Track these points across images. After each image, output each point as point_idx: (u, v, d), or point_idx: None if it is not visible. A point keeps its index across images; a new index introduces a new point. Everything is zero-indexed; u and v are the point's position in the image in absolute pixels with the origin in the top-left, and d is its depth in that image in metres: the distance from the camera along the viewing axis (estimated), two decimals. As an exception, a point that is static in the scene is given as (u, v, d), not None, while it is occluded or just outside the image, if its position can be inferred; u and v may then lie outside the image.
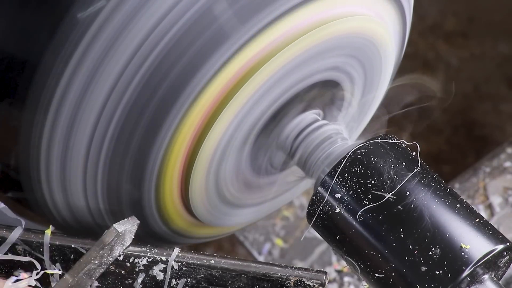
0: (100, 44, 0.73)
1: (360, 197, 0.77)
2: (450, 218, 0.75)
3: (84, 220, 0.85)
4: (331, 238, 0.80)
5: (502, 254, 0.74)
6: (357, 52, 0.88)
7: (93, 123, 0.76)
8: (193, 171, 0.82)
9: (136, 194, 0.82)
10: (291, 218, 1.30)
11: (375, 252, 0.75)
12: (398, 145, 0.81)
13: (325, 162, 0.85)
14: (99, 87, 0.74)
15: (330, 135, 0.87)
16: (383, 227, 0.75)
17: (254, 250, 1.26)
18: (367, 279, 0.77)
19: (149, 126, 0.77)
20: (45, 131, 0.77)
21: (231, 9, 0.75)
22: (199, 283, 0.79)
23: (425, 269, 0.73)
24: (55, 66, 0.74)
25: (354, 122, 0.98)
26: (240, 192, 0.91)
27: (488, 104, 1.68)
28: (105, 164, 0.79)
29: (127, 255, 0.79)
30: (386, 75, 0.96)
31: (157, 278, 0.79)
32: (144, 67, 0.74)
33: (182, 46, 0.74)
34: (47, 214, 0.84)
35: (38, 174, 0.80)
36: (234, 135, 0.82)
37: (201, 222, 0.91)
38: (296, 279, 0.78)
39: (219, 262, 0.79)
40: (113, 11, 0.72)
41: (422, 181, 0.77)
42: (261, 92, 0.81)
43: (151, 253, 0.79)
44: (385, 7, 0.88)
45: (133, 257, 0.79)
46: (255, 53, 0.78)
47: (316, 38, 0.81)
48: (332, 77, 0.88)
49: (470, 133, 1.65)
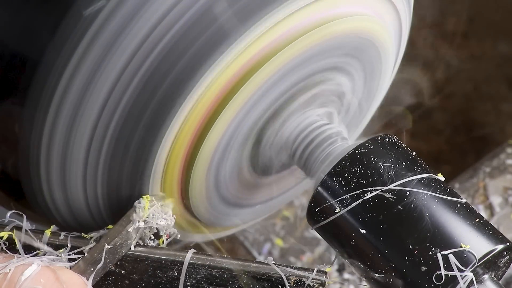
0: (101, 43, 0.73)
1: (360, 197, 0.77)
2: (450, 218, 0.75)
3: (84, 220, 0.85)
4: (331, 238, 0.80)
5: (502, 254, 0.74)
6: (357, 52, 0.88)
7: (93, 123, 0.76)
8: (193, 170, 0.82)
9: (136, 194, 0.82)
10: (291, 218, 1.30)
11: (375, 252, 0.75)
12: (398, 145, 0.81)
13: (325, 162, 0.85)
14: (99, 86, 0.74)
15: (330, 135, 0.87)
16: (383, 227, 0.75)
17: (254, 250, 1.26)
18: (367, 279, 0.77)
19: (149, 126, 0.77)
20: (45, 131, 0.77)
21: (231, 9, 0.75)
22: (199, 283, 0.79)
23: (425, 269, 0.73)
24: (55, 65, 0.74)
25: (354, 122, 0.98)
26: (240, 192, 0.91)
27: (488, 104, 1.68)
28: (105, 164, 0.79)
29: (127, 255, 0.79)
30: (386, 75, 0.97)
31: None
32: (144, 66, 0.74)
33: (182, 45, 0.74)
34: (47, 214, 0.84)
35: (38, 173, 0.80)
36: (234, 135, 0.82)
37: (201, 222, 0.91)
38: (296, 279, 0.78)
39: (219, 262, 0.79)
40: (114, 10, 0.72)
41: (422, 181, 0.77)
42: (261, 92, 0.81)
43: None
44: (385, 7, 0.89)
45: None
46: (255, 53, 0.78)
47: (316, 38, 0.81)
48: (332, 77, 0.88)
49: (470, 133, 1.65)
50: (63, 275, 0.72)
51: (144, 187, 0.82)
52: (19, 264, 0.71)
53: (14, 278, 0.69)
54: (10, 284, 0.69)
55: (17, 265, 0.71)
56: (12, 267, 0.70)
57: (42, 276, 0.71)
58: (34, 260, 0.72)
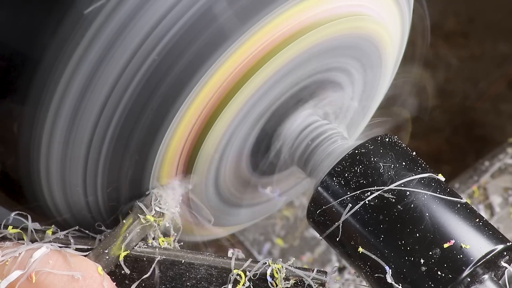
0: (101, 43, 0.73)
1: (360, 197, 0.77)
2: (450, 218, 0.75)
3: (84, 220, 0.85)
4: (331, 238, 0.80)
5: (502, 254, 0.74)
6: (357, 52, 0.88)
7: (93, 122, 0.76)
8: (193, 170, 0.82)
9: (136, 194, 0.82)
10: (291, 218, 1.30)
11: (375, 252, 0.75)
12: (398, 145, 0.81)
13: (325, 162, 0.85)
14: (100, 86, 0.74)
15: (330, 135, 0.87)
16: (383, 227, 0.75)
17: (254, 250, 1.26)
18: (367, 278, 0.77)
19: (149, 126, 0.77)
20: (45, 130, 0.77)
21: (231, 9, 0.75)
22: (199, 283, 0.79)
23: (425, 269, 0.73)
24: (56, 65, 0.74)
25: (354, 122, 0.98)
26: (240, 192, 0.91)
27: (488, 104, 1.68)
28: (105, 164, 0.79)
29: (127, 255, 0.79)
30: (386, 75, 0.97)
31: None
32: (144, 66, 0.74)
33: (182, 45, 0.74)
34: (47, 214, 0.84)
35: (38, 173, 0.80)
36: (234, 135, 0.83)
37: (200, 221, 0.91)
38: (296, 279, 0.78)
39: (219, 262, 0.79)
40: (114, 10, 0.72)
41: (422, 181, 0.77)
42: (261, 92, 0.81)
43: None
44: (385, 7, 0.89)
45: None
46: (255, 53, 0.78)
47: (317, 38, 0.81)
48: (332, 77, 0.88)
49: (470, 133, 1.65)
50: (72, 258, 0.73)
51: (144, 187, 0.82)
52: (29, 248, 0.73)
53: (24, 260, 0.72)
54: (20, 266, 0.72)
55: (27, 249, 0.73)
56: (23, 250, 0.73)
57: (51, 258, 0.73)
58: (44, 245, 0.74)
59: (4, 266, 0.72)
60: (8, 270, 0.71)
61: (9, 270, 0.71)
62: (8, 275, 0.71)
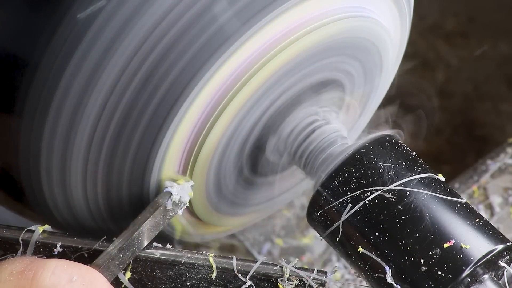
0: (101, 43, 0.73)
1: (360, 197, 0.77)
2: (450, 218, 0.75)
3: (84, 220, 0.85)
4: (331, 238, 0.80)
5: (502, 254, 0.74)
6: (357, 52, 0.88)
7: (93, 123, 0.76)
8: (193, 170, 0.82)
9: (136, 194, 0.82)
10: (291, 218, 1.30)
11: (375, 252, 0.75)
12: (398, 145, 0.81)
13: (325, 162, 0.85)
14: (100, 86, 0.74)
15: (330, 135, 0.87)
16: (383, 227, 0.75)
17: (254, 250, 1.26)
18: (367, 278, 0.77)
19: (149, 126, 0.77)
20: (46, 131, 0.77)
21: (231, 9, 0.75)
22: (199, 283, 0.79)
23: (425, 269, 0.73)
24: (56, 65, 0.74)
25: (354, 122, 0.98)
26: (240, 192, 0.91)
27: (488, 104, 1.68)
28: (105, 164, 0.79)
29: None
30: (386, 75, 0.97)
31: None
32: (144, 67, 0.74)
33: (182, 46, 0.74)
34: (47, 214, 0.84)
35: (38, 173, 0.80)
36: (234, 135, 0.83)
37: (201, 221, 0.91)
38: (296, 279, 0.78)
39: (219, 262, 0.79)
40: (114, 11, 0.72)
41: (422, 181, 0.77)
42: (261, 92, 0.81)
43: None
44: (385, 7, 0.89)
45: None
46: (255, 54, 0.78)
47: (316, 38, 0.81)
48: (332, 77, 0.88)
49: (470, 133, 1.65)
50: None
51: (145, 187, 0.82)
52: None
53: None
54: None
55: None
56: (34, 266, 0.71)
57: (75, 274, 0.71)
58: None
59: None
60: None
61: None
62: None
